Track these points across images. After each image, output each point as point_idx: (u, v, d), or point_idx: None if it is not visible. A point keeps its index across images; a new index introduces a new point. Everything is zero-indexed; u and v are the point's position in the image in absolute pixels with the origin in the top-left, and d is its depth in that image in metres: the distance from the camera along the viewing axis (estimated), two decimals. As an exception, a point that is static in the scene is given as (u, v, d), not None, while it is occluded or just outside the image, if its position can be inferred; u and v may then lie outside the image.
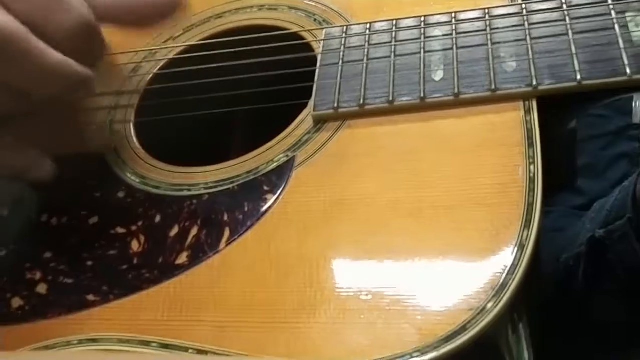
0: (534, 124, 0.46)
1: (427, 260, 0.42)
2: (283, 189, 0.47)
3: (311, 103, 0.51)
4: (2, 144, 0.48)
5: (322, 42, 0.54)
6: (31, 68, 0.44)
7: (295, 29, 0.57)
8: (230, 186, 0.49)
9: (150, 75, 0.58)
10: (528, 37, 0.49)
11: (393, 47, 0.52)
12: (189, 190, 0.50)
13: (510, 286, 0.40)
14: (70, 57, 0.45)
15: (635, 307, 0.44)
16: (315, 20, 0.57)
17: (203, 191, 0.49)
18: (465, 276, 0.41)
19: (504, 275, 0.40)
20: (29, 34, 0.43)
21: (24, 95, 0.46)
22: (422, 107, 0.49)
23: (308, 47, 0.55)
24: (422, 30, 0.52)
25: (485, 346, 0.40)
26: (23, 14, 0.43)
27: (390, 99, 0.49)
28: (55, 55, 0.44)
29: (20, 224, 0.52)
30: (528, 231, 0.41)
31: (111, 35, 0.53)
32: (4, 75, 0.44)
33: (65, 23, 0.44)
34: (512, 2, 0.52)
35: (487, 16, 0.51)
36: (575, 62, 0.47)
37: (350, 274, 0.43)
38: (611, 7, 0.49)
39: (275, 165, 0.49)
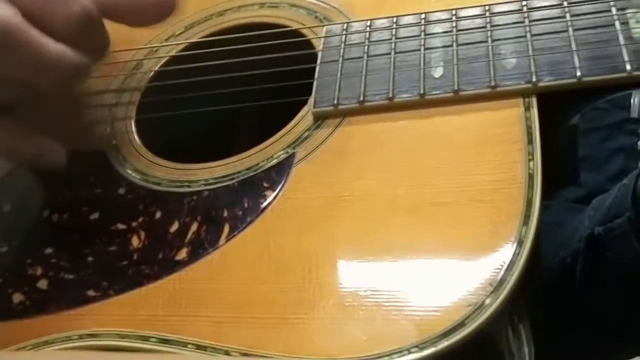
0: (534, 120, 0.46)
1: (425, 256, 0.42)
2: (283, 185, 0.48)
3: (311, 100, 0.51)
4: (14, 130, 0.48)
5: (322, 39, 0.54)
6: (30, 59, 0.44)
7: (296, 26, 0.57)
8: (230, 182, 0.49)
9: (152, 73, 0.58)
10: (528, 34, 0.49)
11: (393, 44, 0.52)
12: (189, 186, 0.50)
13: (508, 282, 0.39)
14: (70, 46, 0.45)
15: (633, 304, 0.44)
16: (316, 17, 0.57)
17: (203, 187, 0.49)
18: (464, 272, 0.41)
19: (503, 271, 0.40)
20: (28, 26, 0.43)
21: (26, 85, 0.46)
22: (422, 103, 0.49)
23: (309, 44, 0.56)
24: (423, 27, 0.52)
25: (484, 342, 0.40)
26: (24, 4, 0.44)
27: (390, 95, 0.49)
28: (53, 47, 0.44)
29: (22, 220, 0.52)
30: (527, 227, 0.41)
31: (113, 32, 0.53)
32: (3, 66, 0.44)
33: (65, 13, 0.44)
34: (512, -2, 0.52)
35: (487, 13, 0.51)
36: (575, 58, 0.47)
37: (349, 270, 0.43)
38: (612, 3, 0.49)
39: (275, 161, 0.49)
